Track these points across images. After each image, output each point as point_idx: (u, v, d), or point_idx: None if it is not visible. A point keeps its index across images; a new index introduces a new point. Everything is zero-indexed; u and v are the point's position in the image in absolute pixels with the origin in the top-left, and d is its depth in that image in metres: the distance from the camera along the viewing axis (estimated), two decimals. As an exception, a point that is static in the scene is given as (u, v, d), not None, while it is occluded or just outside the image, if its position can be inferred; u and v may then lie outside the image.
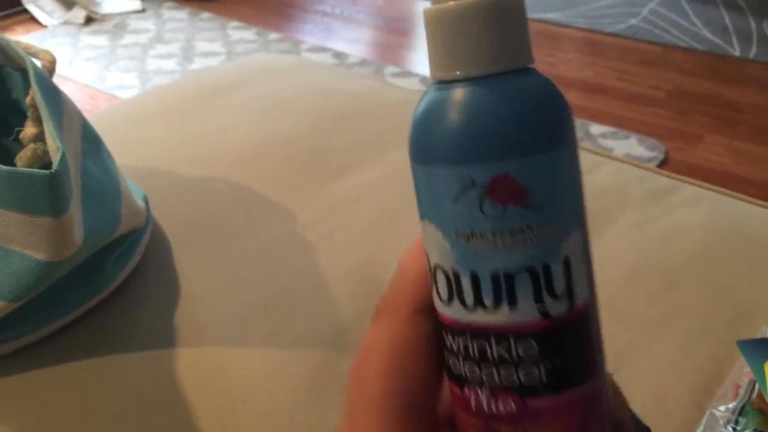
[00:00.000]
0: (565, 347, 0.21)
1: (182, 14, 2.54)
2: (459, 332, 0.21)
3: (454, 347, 0.21)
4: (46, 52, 0.53)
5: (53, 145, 0.45)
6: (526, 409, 0.20)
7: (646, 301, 0.57)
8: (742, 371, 0.48)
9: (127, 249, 0.56)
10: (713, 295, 0.57)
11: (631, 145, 1.70)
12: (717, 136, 1.76)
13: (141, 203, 0.58)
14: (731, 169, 1.63)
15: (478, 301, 0.20)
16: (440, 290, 0.21)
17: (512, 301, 0.20)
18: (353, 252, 0.60)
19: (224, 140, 0.74)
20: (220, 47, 2.30)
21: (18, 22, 2.47)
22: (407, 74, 2.10)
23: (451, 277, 0.20)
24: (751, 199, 0.70)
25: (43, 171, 0.43)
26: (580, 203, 0.22)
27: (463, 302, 0.20)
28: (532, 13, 2.42)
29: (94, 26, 2.43)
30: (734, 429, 0.42)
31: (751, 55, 2.13)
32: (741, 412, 0.43)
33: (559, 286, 0.20)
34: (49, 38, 2.33)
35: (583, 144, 0.80)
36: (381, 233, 0.63)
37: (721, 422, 0.43)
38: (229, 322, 0.54)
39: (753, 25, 2.28)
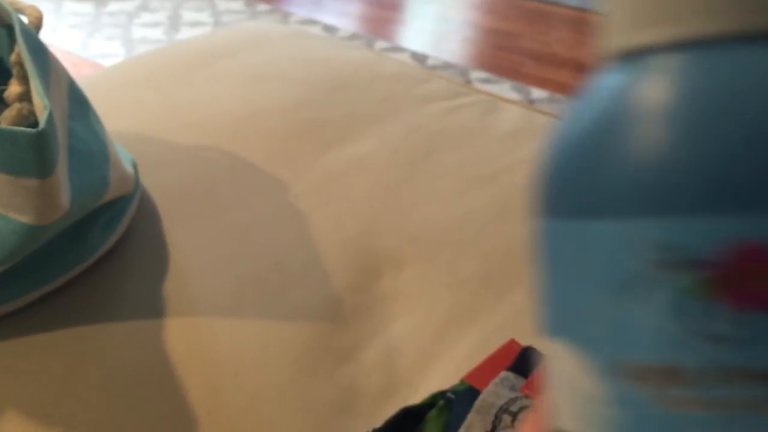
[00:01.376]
0: None
1: (169, -17, 2.49)
2: None
3: None
4: (33, 7, 0.51)
5: (40, 103, 0.43)
6: None
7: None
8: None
9: (115, 216, 0.54)
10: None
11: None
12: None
13: (130, 169, 0.56)
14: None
15: None
16: None
17: None
18: (347, 224, 0.59)
19: (216, 108, 0.72)
20: (208, 17, 2.26)
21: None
22: (397, 49, 2.08)
23: None
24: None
25: (29, 129, 0.41)
26: None
27: None
28: (524, -8, 2.41)
29: (78, -8, 2.38)
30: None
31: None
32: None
33: None
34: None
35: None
36: (375, 205, 0.61)
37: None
38: (220, 294, 0.52)
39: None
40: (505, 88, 1.86)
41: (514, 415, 0.40)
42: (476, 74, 1.93)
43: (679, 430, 0.10)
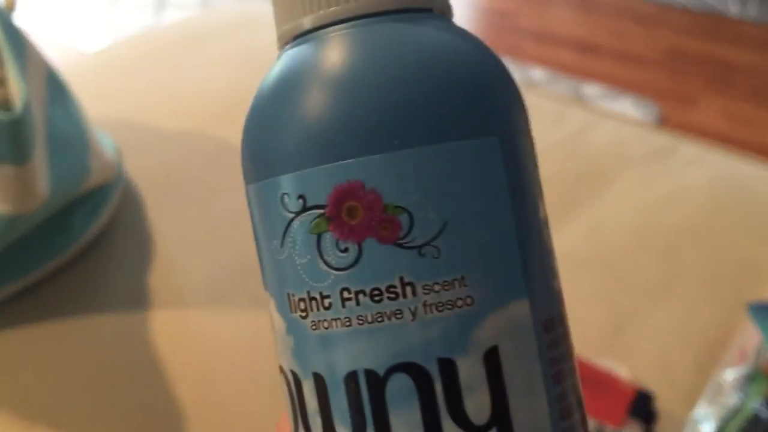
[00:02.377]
0: None
1: (163, -34, 2.46)
2: None
3: None
4: (7, -11, 0.49)
5: (16, 87, 0.42)
6: None
7: (647, 264, 0.54)
8: (747, 336, 0.46)
9: (97, 204, 0.52)
10: (717, 258, 0.55)
11: (625, 106, 1.67)
12: (712, 97, 1.73)
13: (113, 156, 0.54)
14: (727, 130, 1.60)
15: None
16: (290, 414, 0.14)
17: None
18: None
19: (203, 93, 0.70)
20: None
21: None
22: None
23: (293, 387, 0.14)
24: (753, 159, 0.67)
25: (3, 113, 0.39)
26: (532, 245, 0.14)
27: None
28: (524, -30, 2.37)
29: (68, -24, 2.35)
30: (743, 398, 0.40)
31: (749, 15, 2.09)
32: (751, 379, 0.41)
33: (478, 403, 0.12)
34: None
35: (577, 103, 0.78)
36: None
37: (728, 389, 0.41)
38: (208, 284, 0.51)
39: (748, -15, 2.24)
40: (504, 69, 1.84)
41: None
42: (475, 55, 1.91)
43: (331, 348, 0.13)
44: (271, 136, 0.14)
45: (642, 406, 0.42)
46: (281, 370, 0.15)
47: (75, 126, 0.50)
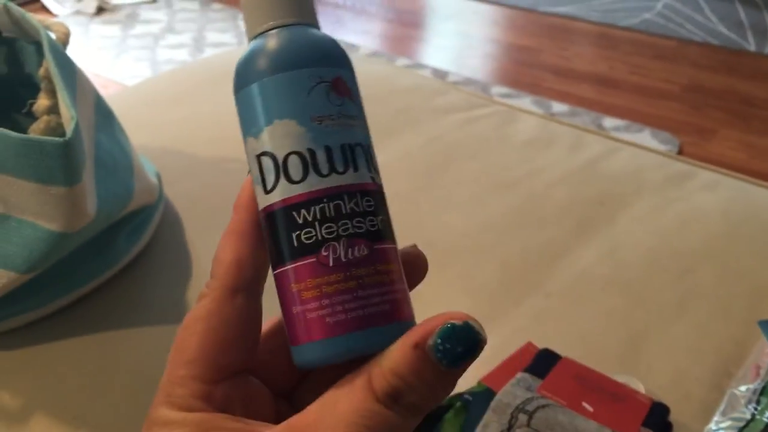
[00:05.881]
0: (384, 207, 0.26)
1: (194, 5, 2.54)
2: (315, 201, 0.25)
3: (309, 217, 0.25)
4: (60, 24, 0.52)
5: (67, 113, 0.45)
6: (374, 252, 0.25)
7: (664, 284, 0.56)
8: (762, 353, 0.47)
9: (140, 225, 0.55)
10: (732, 279, 0.56)
11: (644, 139, 1.69)
12: (731, 130, 1.74)
13: (154, 180, 0.57)
14: (746, 164, 1.61)
15: (333, 169, 0.25)
16: (292, 173, 0.25)
17: (356, 167, 0.25)
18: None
19: (238, 123, 0.73)
20: (232, 38, 2.29)
21: (29, 11, 2.47)
22: (418, 66, 2.09)
23: (307, 156, 0.25)
24: (769, 185, 0.69)
25: (56, 138, 0.42)
26: None
27: (319, 173, 0.25)
28: (544, 7, 2.41)
29: (105, 16, 2.43)
30: (755, 409, 0.42)
31: (767, 50, 2.11)
32: (762, 392, 0.42)
33: (374, 161, 0.26)
34: (61, 28, 2.33)
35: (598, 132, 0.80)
36: (394, 213, 0.62)
37: (742, 402, 0.42)
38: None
39: (768, 20, 2.26)
40: (525, 102, 1.86)
41: (530, 414, 0.41)
42: (497, 89, 1.94)
43: (330, 134, 0.25)
44: (294, 50, 0.26)
45: (658, 418, 0.43)
46: (291, 153, 0.25)
47: (121, 150, 0.53)
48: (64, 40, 0.52)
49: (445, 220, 0.62)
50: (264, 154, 0.26)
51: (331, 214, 0.25)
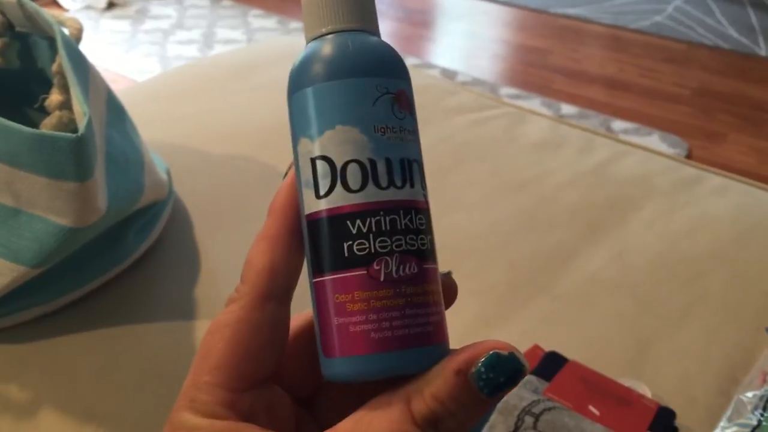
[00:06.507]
0: (431, 227, 0.26)
1: (204, 1, 2.54)
2: (372, 212, 0.24)
3: (364, 228, 0.24)
4: (74, 20, 0.53)
5: (79, 109, 0.45)
6: (422, 271, 0.25)
7: (672, 289, 0.56)
8: (769, 360, 0.47)
9: (149, 221, 0.55)
10: (740, 285, 0.56)
11: (653, 142, 1.69)
12: (741, 135, 1.74)
13: (164, 176, 0.58)
14: (755, 168, 1.61)
15: (391, 182, 0.25)
16: (350, 181, 0.24)
17: (412, 183, 0.25)
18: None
19: (249, 120, 0.74)
20: (241, 35, 2.30)
21: (42, 6, 2.48)
22: (427, 66, 2.09)
23: (367, 165, 0.24)
24: (779, 191, 0.68)
25: (68, 134, 0.42)
26: None
27: (378, 184, 0.24)
28: (555, 8, 2.41)
29: (115, 11, 2.44)
30: (762, 415, 0.42)
31: (777, 55, 2.10)
32: (769, 398, 0.42)
33: (425, 179, 0.26)
34: (71, 22, 2.33)
35: (608, 134, 0.80)
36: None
37: (749, 408, 0.42)
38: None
39: (779, 25, 2.25)
40: (535, 104, 1.86)
41: (537, 417, 0.41)
42: (506, 90, 1.94)
43: (390, 147, 0.25)
44: (362, 58, 0.26)
45: (664, 422, 0.43)
46: (350, 161, 0.25)
47: (131, 146, 0.54)
48: (77, 35, 0.52)
49: (453, 221, 0.62)
50: (320, 158, 0.25)
51: (387, 228, 0.24)
